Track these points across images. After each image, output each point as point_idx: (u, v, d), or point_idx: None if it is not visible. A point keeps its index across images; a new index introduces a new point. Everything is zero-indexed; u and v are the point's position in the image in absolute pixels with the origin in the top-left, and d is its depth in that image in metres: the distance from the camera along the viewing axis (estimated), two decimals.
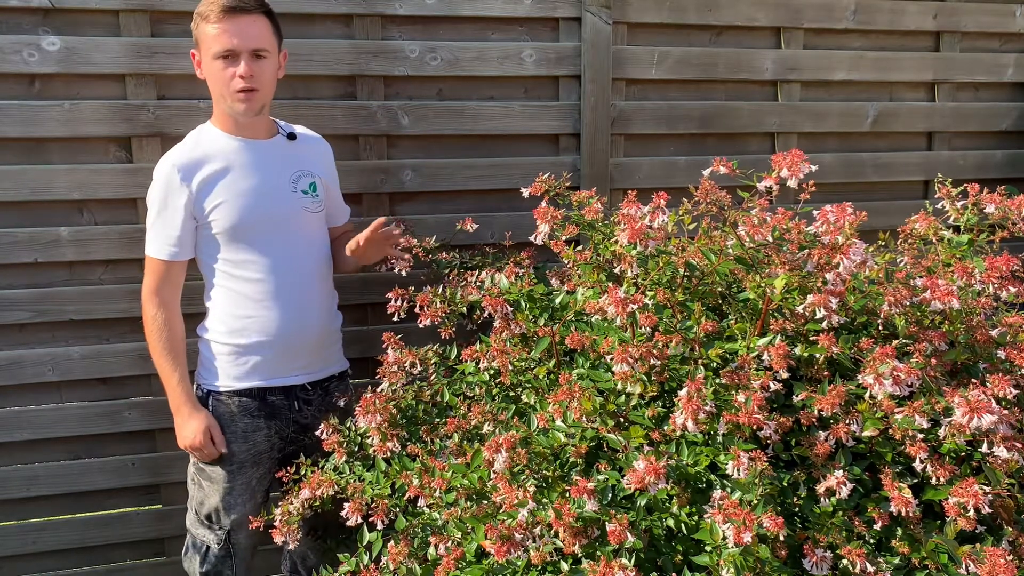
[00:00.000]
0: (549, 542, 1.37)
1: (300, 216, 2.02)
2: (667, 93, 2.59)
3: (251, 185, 1.94)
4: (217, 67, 1.86)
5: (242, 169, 1.95)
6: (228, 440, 1.99)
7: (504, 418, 1.61)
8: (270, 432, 2.03)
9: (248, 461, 2.02)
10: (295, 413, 2.05)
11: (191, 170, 1.91)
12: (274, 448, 2.05)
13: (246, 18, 1.84)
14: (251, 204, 1.94)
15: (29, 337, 2.27)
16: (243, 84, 1.86)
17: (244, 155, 1.96)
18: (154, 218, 1.93)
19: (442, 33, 2.40)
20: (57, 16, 2.15)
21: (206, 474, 2.02)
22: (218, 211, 1.91)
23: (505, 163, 2.49)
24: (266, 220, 1.96)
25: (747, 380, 1.41)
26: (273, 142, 2.03)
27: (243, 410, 2.00)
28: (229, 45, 1.84)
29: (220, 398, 2.00)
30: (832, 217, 1.48)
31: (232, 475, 2.01)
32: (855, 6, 2.65)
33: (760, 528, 1.26)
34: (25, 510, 2.37)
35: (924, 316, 1.60)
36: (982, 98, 2.85)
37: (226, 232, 1.93)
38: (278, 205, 1.98)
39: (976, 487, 1.32)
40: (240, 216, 1.92)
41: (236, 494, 2.02)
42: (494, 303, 1.74)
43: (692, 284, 1.62)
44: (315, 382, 2.08)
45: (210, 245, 1.96)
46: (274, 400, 2.02)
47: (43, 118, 2.16)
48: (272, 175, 1.99)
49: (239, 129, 1.97)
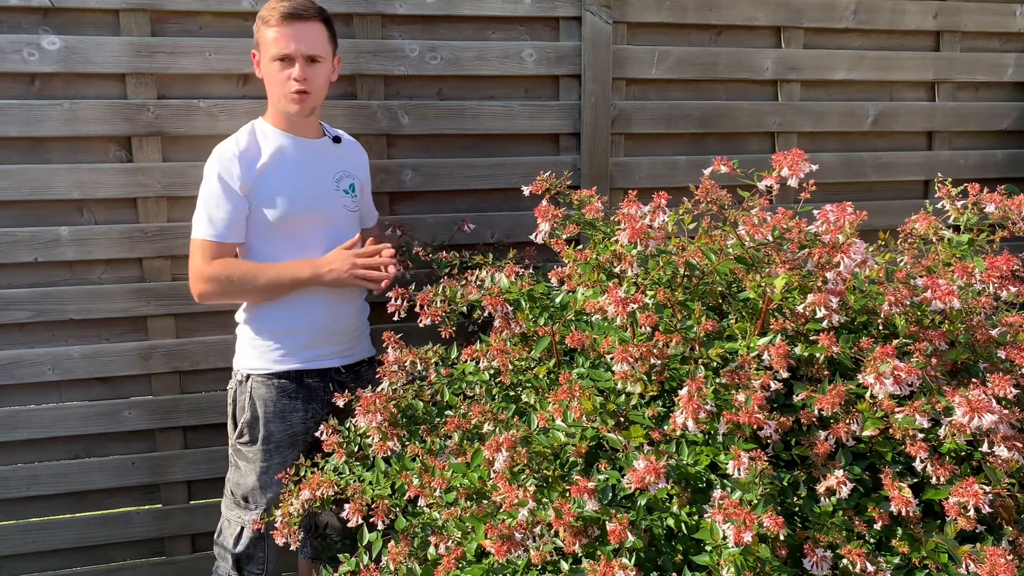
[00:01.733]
0: (549, 541, 1.36)
1: (340, 213, 2.13)
2: (667, 93, 2.59)
3: (301, 179, 2.05)
4: (274, 69, 1.98)
5: (293, 164, 2.05)
6: (267, 420, 2.05)
7: (504, 417, 1.61)
8: (306, 415, 2.10)
9: (285, 442, 2.08)
10: (329, 395, 2.09)
11: (248, 158, 2.00)
12: (309, 431, 2.11)
13: (304, 24, 1.96)
14: (300, 196, 2.04)
15: (29, 336, 2.27)
16: (297, 87, 1.98)
17: (295, 151, 2.07)
18: (210, 203, 1.99)
19: (442, 32, 2.40)
20: (57, 15, 2.15)
21: (243, 454, 2.08)
22: (269, 200, 2.00)
23: (505, 163, 2.49)
24: (311, 213, 2.07)
25: (747, 379, 1.41)
26: (320, 143, 2.14)
27: (282, 392, 2.07)
28: (287, 50, 1.95)
29: (259, 379, 2.07)
30: (832, 216, 1.48)
31: (269, 454, 2.07)
32: (855, 6, 2.65)
33: (760, 528, 1.26)
34: (25, 509, 2.37)
35: (924, 316, 1.60)
36: (982, 98, 2.85)
37: (275, 221, 2.01)
38: (323, 200, 2.09)
39: (976, 487, 1.32)
40: (289, 207, 2.02)
41: (272, 473, 2.07)
42: (494, 302, 1.74)
43: (692, 283, 1.62)
44: (348, 366, 2.18)
45: (260, 234, 2.04)
46: (311, 383, 2.10)
47: (43, 117, 2.16)
48: (319, 172, 2.10)
49: (291, 127, 2.07)
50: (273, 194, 2.01)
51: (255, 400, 2.07)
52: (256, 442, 2.07)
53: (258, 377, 2.08)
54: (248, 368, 2.09)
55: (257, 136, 2.05)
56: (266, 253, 2.05)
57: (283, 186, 2.02)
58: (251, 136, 2.05)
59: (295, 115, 2.03)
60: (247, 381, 2.08)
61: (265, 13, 1.96)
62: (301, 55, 1.96)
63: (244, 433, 2.08)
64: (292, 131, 2.08)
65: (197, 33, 2.23)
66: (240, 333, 2.14)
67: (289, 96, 1.99)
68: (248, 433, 2.07)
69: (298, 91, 1.98)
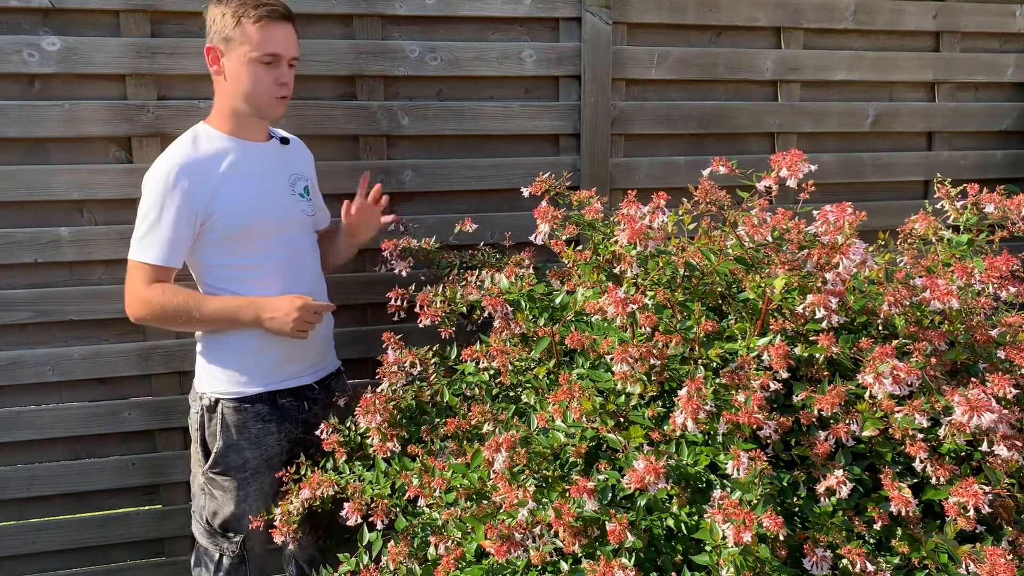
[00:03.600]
0: (549, 542, 1.37)
1: (299, 219, 2.04)
2: (667, 93, 2.59)
3: (257, 188, 1.94)
4: (256, 69, 1.86)
5: (246, 172, 1.93)
6: (242, 448, 1.96)
7: (504, 418, 1.61)
8: (280, 436, 2.01)
9: (261, 467, 1.99)
10: (304, 413, 2.04)
11: (195, 173, 1.86)
12: (284, 452, 2.03)
13: (289, 26, 1.90)
14: (258, 207, 1.93)
15: (29, 337, 2.27)
16: (284, 91, 1.90)
17: (246, 158, 1.95)
18: (151, 222, 1.85)
19: (442, 33, 2.40)
20: (57, 16, 2.15)
21: (218, 484, 1.98)
22: (222, 214, 1.88)
23: (505, 163, 2.49)
24: (272, 224, 1.96)
25: (747, 380, 1.41)
26: (271, 146, 2.03)
27: (255, 416, 1.97)
28: (277, 50, 1.87)
29: (230, 405, 1.96)
30: (832, 217, 1.48)
31: (246, 482, 1.98)
32: (855, 6, 2.65)
33: (760, 528, 1.26)
34: (25, 510, 2.37)
35: (924, 316, 1.60)
36: (982, 98, 2.85)
37: (231, 235, 1.90)
38: (280, 208, 1.99)
39: (976, 487, 1.32)
40: (248, 220, 1.91)
41: (251, 501, 1.99)
42: (494, 303, 1.74)
43: (692, 284, 1.62)
44: (319, 380, 2.09)
45: (212, 250, 1.92)
46: (284, 403, 2.01)
47: (43, 118, 2.16)
48: (273, 178, 2.00)
49: (240, 131, 1.95)
50: (229, 206, 1.88)
51: (228, 427, 1.95)
52: (232, 471, 1.96)
53: (228, 403, 1.95)
54: (216, 392, 1.96)
55: (204, 143, 1.91)
56: (221, 267, 1.93)
57: (240, 197, 1.90)
58: (198, 144, 1.91)
59: (273, 118, 1.97)
60: (216, 407, 1.95)
61: (242, 9, 1.83)
62: (287, 57, 1.89)
63: (218, 463, 1.96)
64: (242, 135, 1.95)
65: (197, 33, 2.23)
66: (203, 352, 2.00)
67: (275, 99, 1.90)
68: (223, 463, 1.96)
69: (284, 95, 1.91)
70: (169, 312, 1.86)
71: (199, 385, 2.01)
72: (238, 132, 1.95)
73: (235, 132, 1.95)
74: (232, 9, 1.84)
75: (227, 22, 1.85)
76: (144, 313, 1.89)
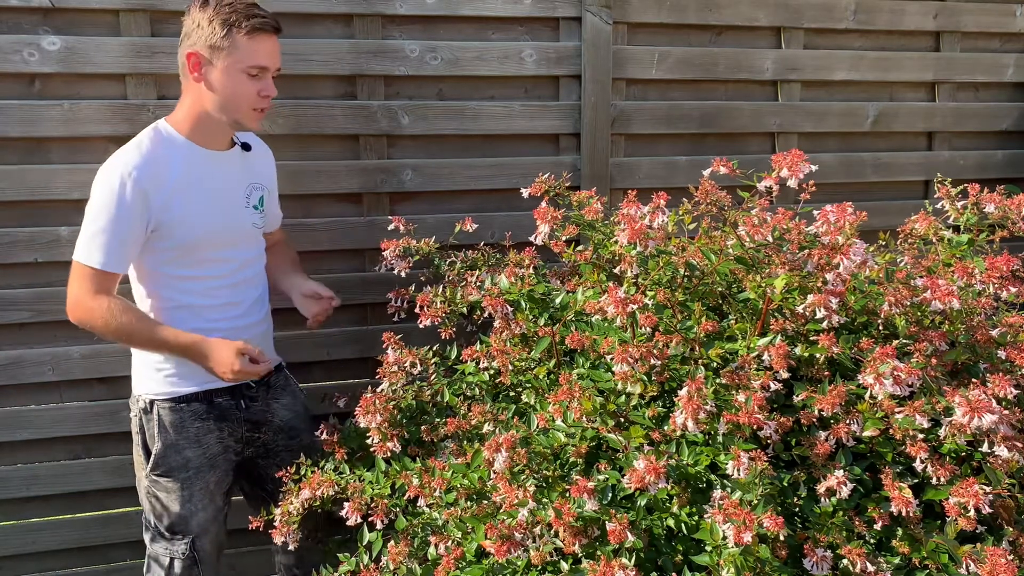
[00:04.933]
0: (549, 542, 1.37)
1: (248, 231, 2.01)
2: (667, 93, 2.59)
3: (210, 200, 1.90)
4: (242, 79, 1.83)
5: (202, 182, 1.89)
6: (181, 447, 1.94)
7: (504, 418, 1.61)
8: (222, 434, 1.98)
9: (204, 465, 1.96)
10: (244, 412, 2.01)
11: (148, 178, 1.81)
12: (229, 450, 2.00)
13: (275, 39, 1.88)
14: (208, 220, 1.90)
15: (29, 337, 2.27)
16: (266, 104, 1.89)
17: (204, 166, 1.90)
18: (101, 225, 1.80)
19: (442, 33, 2.40)
20: (57, 16, 2.15)
21: (162, 486, 1.96)
22: (174, 225, 1.84)
23: (505, 163, 2.48)
24: (220, 235, 1.93)
25: (747, 380, 1.41)
26: (231, 154, 1.98)
27: (192, 415, 1.94)
28: (265, 62, 1.84)
29: (165, 405, 1.93)
30: (832, 217, 1.48)
31: (189, 481, 1.94)
32: (855, 6, 2.65)
33: (760, 528, 1.26)
34: (25, 509, 2.36)
35: (924, 316, 1.60)
36: (982, 98, 2.85)
37: (180, 246, 1.87)
38: (232, 220, 1.96)
39: (976, 487, 1.32)
40: (197, 231, 1.88)
41: (196, 500, 1.96)
42: (494, 303, 1.74)
43: (692, 284, 1.62)
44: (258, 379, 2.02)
45: (156, 258, 1.88)
46: (220, 401, 1.97)
47: (43, 118, 2.16)
48: (229, 190, 1.96)
49: (204, 139, 1.90)
50: (179, 216, 1.84)
51: (166, 428, 1.92)
52: (175, 471, 1.93)
53: (163, 403, 1.92)
54: (151, 394, 1.93)
55: (163, 146, 1.86)
56: (167, 276, 1.90)
57: (191, 207, 1.86)
58: (156, 146, 1.85)
59: (248, 130, 1.93)
60: (152, 408, 1.93)
61: (234, 18, 1.80)
62: (273, 69, 1.87)
63: (159, 464, 1.93)
64: (204, 143, 1.90)
65: None
66: (136, 357, 1.98)
67: (256, 112, 1.88)
68: (164, 464, 1.93)
69: (264, 107, 1.89)
70: (111, 328, 1.83)
71: (135, 387, 1.99)
72: (201, 139, 1.90)
73: (197, 138, 1.90)
74: (222, 18, 1.80)
75: (215, 30, 1.80)
76: (86, 321, 1.85)
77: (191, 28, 1.84)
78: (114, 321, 1.82)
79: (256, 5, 1.85)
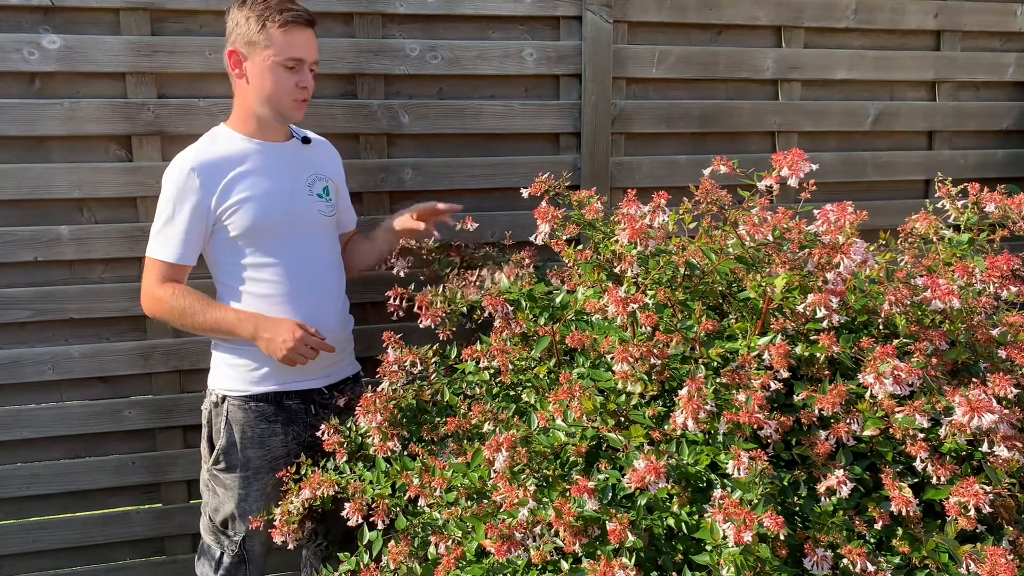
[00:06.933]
0: (549, 541, 1.37)
1: (316, 220, 2.04)
2: (668, 92, 2.59)
3: (270, 188, 1.95)
4: (281, 73, 1.89)
5: (260, 171, 1.95)
6: (244, 446, 1.96)
7: (504, 417, 1.61)
8: (287, 438, 2.00)
9: (264, 467, 1.98)
10: (311, 417, 2.02)
11: (209, 171, 1.89)
12: (291, 454, 2.00)
13: (311, 31, 1.92)
14: (270, 207, 1.94)
15: (29, 336, 2.27)
16: (305, 95, 1.93)
17: (262, 158, 1.96)
18: (165, 219, 1.89)
19: (443, 32, 2.40)
20: (57, 14, 2.15)
21: (220, 481, 1.99)
22: (236, 213, 1.90)
23: (506, 162, 2.48)
24: (284, 223, 1.96)
25: (748, 379, 1.41)
26: (289, 145, 2.04)
27: (259, 415, 1.97)
28: (300, 54, 1.89)
29: (236, 403, 1.97)
30: (833, 216, 1.48)
31: (247, 481, 1.98)
32: (856, 5, 2.65)
33: (760, 527, 1.26)
34: (25, 509, 2.36)
35: (925, 315, 1.60)
36: (983, 97, 2.85)
37: (244, 235, 1.92)
38: (296, 208, 1.99)
39: (977, 486, 1.32)
40: (259, 218, 1.92)
41: (251, 501, 1.98)
42: (494, 303, 1.74)
43: (692, 283, 1.62)
44: (331, 385, 2.08)
45: (225, 248, 1.94)
46: (291, 404, 2.00)
47: (43, 116, 2.16)
48: (289, 178, 2.00)
49: (259, 132, 1.97)
50: (241, 205, 1.90)
51: (231, 424, 1.96)
52: (234, 469, 1.97)
53: (234, 400, 1.97)
54: (224, 389, 1.98)
55: (221, 144, 1.95)
56: (233, 265, 1.95)
57: (252, 196, 1.91)
58: (215, 144, 1.94)
59: (292, 121, 1.98)
60: (223, 403, 1.98)
61: (268, 13, 1.86)
62: (311, 61, 1.92)
63: (220, 460, 1.97)
64: (261, 136, 1.97)
65: (197, 32, 2.23)
66: (215, 349, 2.03)
67: (297, 103, 1.93)
68: (225, 460, 1.97)
69: (304, 98, 1.94)
70: (175, 313, 1.90)
71: (210, 380, 2.04)
72: (256, 133, 1.97)
73: (254, 133, 1.97)
74: (257, 14, 1.86)
75: (251, 26, 1.87)
76: (155, 310, 1.94)
77: (231, 27, 1.91)
78: (178, 305, 1.89)
79: (291, 0, 1.91)
